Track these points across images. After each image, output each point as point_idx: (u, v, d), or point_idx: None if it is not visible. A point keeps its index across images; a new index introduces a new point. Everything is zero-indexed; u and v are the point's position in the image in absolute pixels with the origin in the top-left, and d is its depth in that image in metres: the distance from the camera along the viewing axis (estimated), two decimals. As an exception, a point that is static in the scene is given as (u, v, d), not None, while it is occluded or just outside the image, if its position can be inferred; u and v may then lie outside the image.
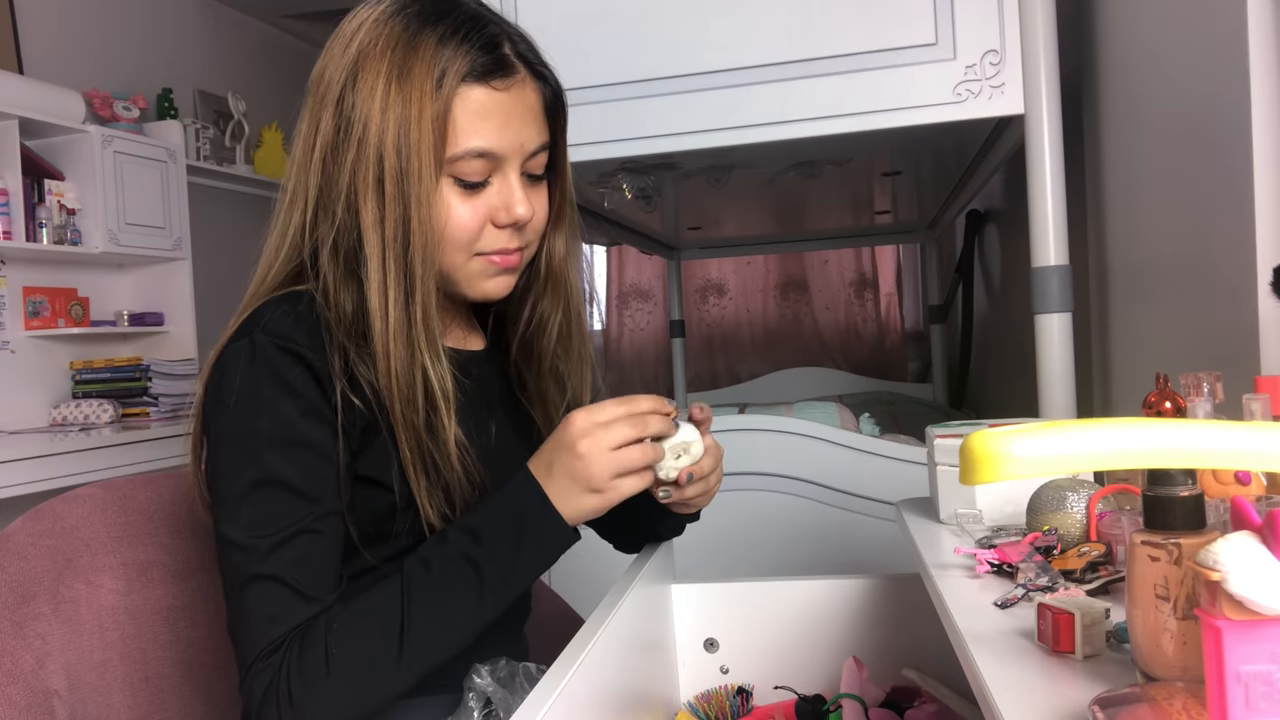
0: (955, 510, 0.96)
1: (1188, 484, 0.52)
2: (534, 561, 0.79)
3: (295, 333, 0.78)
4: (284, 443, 0.76)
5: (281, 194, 0.85)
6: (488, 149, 0.81)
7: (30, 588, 0.83)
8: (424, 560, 0.77)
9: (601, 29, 1.56)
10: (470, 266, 0.85)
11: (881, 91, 1.47)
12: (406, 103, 0.78)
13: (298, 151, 0.84)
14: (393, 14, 0.82)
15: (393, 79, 0.79)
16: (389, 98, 0.78)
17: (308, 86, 0.85)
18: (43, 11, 3.35)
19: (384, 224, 0.79)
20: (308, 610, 0.74)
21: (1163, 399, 0.80)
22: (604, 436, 0.78)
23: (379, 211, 0.79)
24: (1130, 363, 1.46)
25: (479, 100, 0.81)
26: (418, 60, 0.79)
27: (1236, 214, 1.01)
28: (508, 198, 0.83)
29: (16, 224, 2.91)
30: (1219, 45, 1.04)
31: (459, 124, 0.80)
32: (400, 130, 0.78)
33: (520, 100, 0.83)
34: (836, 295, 4.65)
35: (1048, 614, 0.60)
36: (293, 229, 0.83)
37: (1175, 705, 0.47)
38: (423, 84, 0.78)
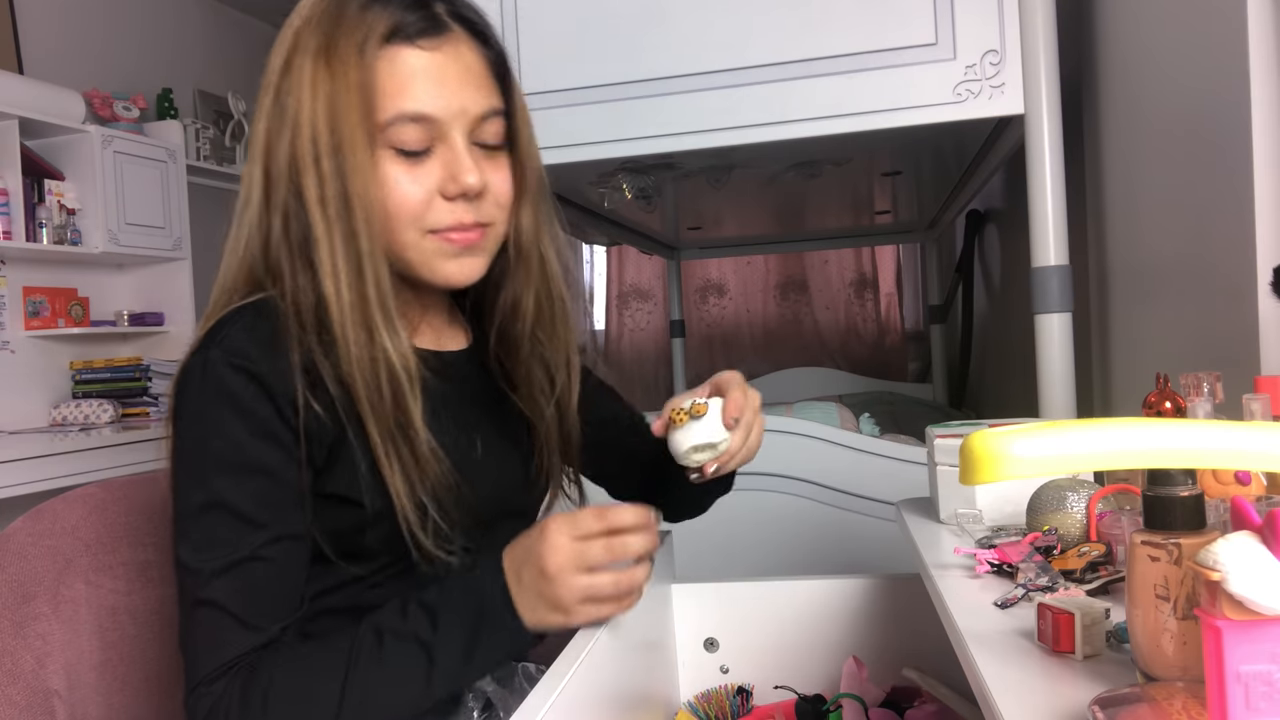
0: (955, 510, 0.96)
1: (1188, 484, 0.52)
2: (487, 660, 0.75)
3: (250, 348, 0.74)
4: (233, 466, 0.73)
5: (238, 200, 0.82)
6: (421, 112, 0.76)
7: (30, 588, 0.83)
8: (377, 631, 0.72)
9: (601, 29, 1.56)
10: (425, 246, 0.79)
11: (881, 91, 1.47)
12: (333, 75, 0.75)
13: (248, 153, 0.82)
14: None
15: (321, 52, 0.76)
16: (318, 72, 0.75)
17: None
18: (43, 11, 3.35)
19: (325, 203, 0.75)
20: (251, 640, 0.71)
21: (1163, 399, 0.80)
22: (577, 556, 0.72)
23: (319, 190, 0.75)
24: (1130, 363, 1.46)
25: (407, 61, 0.76)
26: (342, 28, 0.76)
27: (1236, 214, 1.01)
28: (453, 166, 0.78)
29: (16, 224, 2.91)
30: (1219, 45, 1.04)
31: (386, 88, 0.75)
32: (330, 102, 0.75)
33: (455, 60, 0.78)
34: (836, 295, 4.65)
35: (1048, 614, 0.60)
36: (248, 227, 0.80)
37: (1175, 705, 0.47)
38: (347, 53, 0.75)
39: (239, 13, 4.35)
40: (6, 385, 3.11)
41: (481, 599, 0.74)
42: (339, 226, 0.75)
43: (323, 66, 0.75)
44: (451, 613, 0.73)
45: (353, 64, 0.75)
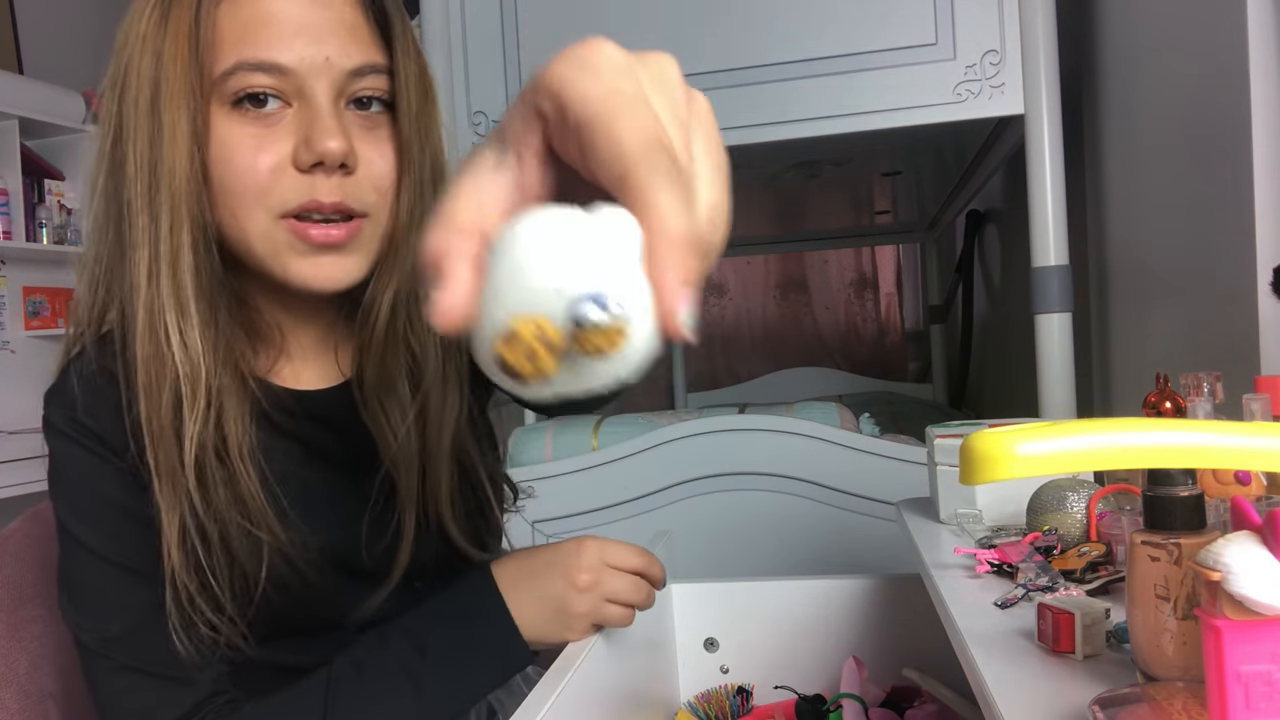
0: (955, 510, 0.96)
1: (1188, 484, 0.52)
2: (485, 685, 0.70)
3: (83, 400, 0.66)
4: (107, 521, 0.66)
5: None
6: (270, 60, 0.62)
7: (26, 590, 0.83)
8: (356, 664, 0.67)
9: (601, 30, 1.56)
10: (275, 235, 0.64)
11: (881, 91, 1.47)
12: (166, 25, 0.62)
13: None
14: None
15: (155, 10, 0.63)
16: (150, 25, 0.63)
17: None
18: (43, 11, 3.35)
19: (139, 174, 0.63)
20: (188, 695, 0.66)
21: (1163, 399, 0.80)
22: (609, 582, 0.71)
23: (135, 161, 0.63)
24: (1130, 363, 1.46)
25: (257, 6, 0.63)
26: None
27: (1236, 214, 1.01)
28: (309, 127, 0.62)
29: (16, 224, 2.91)
30: (1219, 45, 1.04)
31: (227, 34, 0.62)
32: (155, 55, 0.62)
33: (323, 6, 0.64)
34: (836, 295, 4.65)
35: (1048, 614, 0.60)
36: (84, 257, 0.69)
37: (1175, 705, 0.47)
38: (185, 4, 0.62)
39: (239, 13, 4.35)
40: (6, 385, 3.11)
41: (480, 619, 0.70)
42: (147, 201, 0.62)
43: (157, 13, 0.63)
44: (442, 637, 0.68)
45: (188, 9, 0.62)
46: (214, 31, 0.62)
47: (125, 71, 0.64)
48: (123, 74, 0.64)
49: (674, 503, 1.62)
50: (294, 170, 0.63)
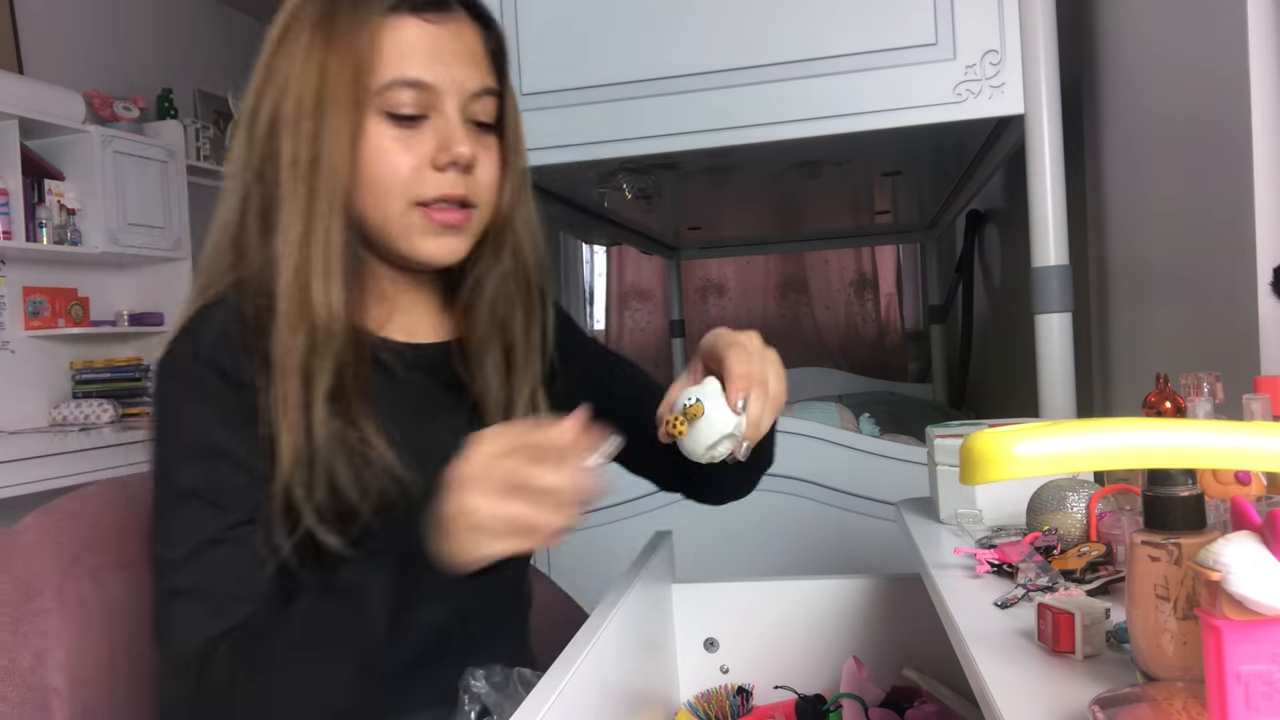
0: (955, 510, 0.96)
1: (1188, 484, 0.52)
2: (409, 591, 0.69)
3: (212, 339, 0.75)
4: (198, 453, 0.73)
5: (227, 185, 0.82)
6: (419, 79, 0.76)
7: (37, 584, 0.83)
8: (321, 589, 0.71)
9: (601, 29, 1.56)
10: (409, 219, 0.78)
11: (881, 91, 1.47)
12: (329, 41, 0.75)
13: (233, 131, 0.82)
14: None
15: (321, 21, 0.76)
16: (314, 39, 0.75)
17: None
18: (43, 11, 3.35)
19: (296, 163, 0.75)
20: (219, 624, 0.71)
21: (1163, 399, 0.80)
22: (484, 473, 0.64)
23: (293, 150, 0.75)
24: (1130, 363, 1.46)
25: (410, 32, 0.77)
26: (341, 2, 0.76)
27: (1236, 214, 1.01)
28: (446, 135, 0.78)
29: (16, 224, 2.91)
30: (1219, 46, 1.04)
31: (387, 54, 0.76)
32: (321, 66, 0.75)
33: (456, 38, 0.79)
34: (836, 295, 4.65)
35: (1048, 614, 0.60)
36: (225, 204, 0.80)
37: (1175, 705, 0.47)
38: (348, 21, 0.75)
39: (239, 13, 4.35)
40: (6, 385, 3.11)
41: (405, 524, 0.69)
42: (302, 186, 0.75)
43: (320, 34, 0.75)
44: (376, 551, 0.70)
45: (352, 30, 0.75)
46: (374, 53, 0.76)
47: (285, 77, 0.76)
48: (282, 79, 0.76)
49: (674, 502, 1.61)
50: (431, 169, 0.78)
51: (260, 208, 0.78)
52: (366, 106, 0.76)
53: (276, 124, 0.76)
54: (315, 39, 0.76)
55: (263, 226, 0.77)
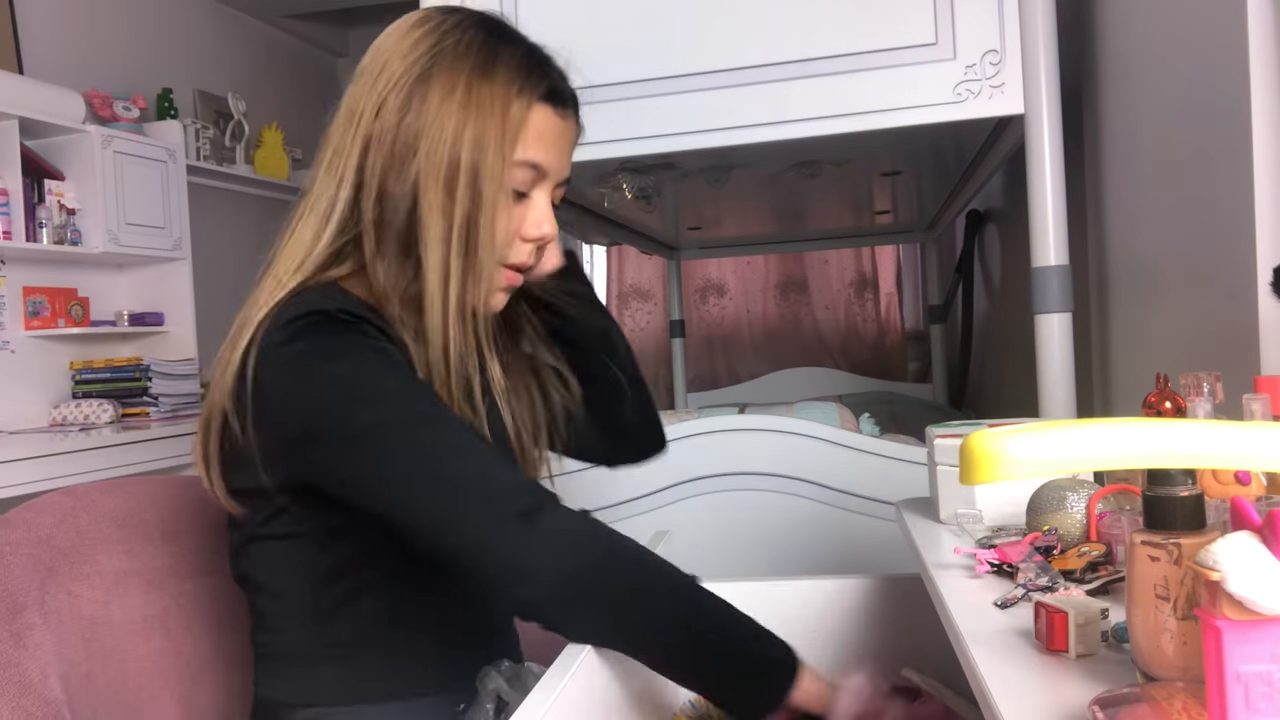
0: (955, 510, 0.96)
1: (1188, 484, 0.52)
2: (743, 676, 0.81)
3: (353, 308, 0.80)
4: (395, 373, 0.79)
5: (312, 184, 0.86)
6: (540, 163, 0.85)
7: (20, 598, 0.81)
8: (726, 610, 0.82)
9: (601, 29, 1.56)
10: (495, 277, 0.87)
11: (881, 91, 1.47)
12: (486, 104, 0.82)
13: (337, 137, 0.85)
14: (465, 24, 0.86)
15: (473, 80, 0.82)
16: (469, 96, 0.82)
17: (357, 73, 0.87)
18: (43, 11, 3.35)
19: (452, 214, 0.82)
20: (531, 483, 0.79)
21: (1163, 399, 0.80)
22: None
23: (447, 203, 0.81)
24: (1130, 363, 1.46)
25: (546, 119, 0.86)
26: (500, 68, 0.83)
27: (1236, 214, 1.01)
28: (540, 214, 0.87)
29: (16, 224, 2.91)
30: (1219, 45, 1.04)
31: (525, 135, 0.84)
32: (478, 129, 0.82)
33: (568, 132, 0.89)
34: (836, 295, 4.65)
35: (1042, 612, 0.60)
36: (337, 213, 0.84)
37: (1175, 705, 0.47)
38: (506, 89, 0.83)
39: (239, 13, 4.35)
40: (6, 385, 3.11)
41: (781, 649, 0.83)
42: (459, 242, 0.82)
43: (475, 91, 0.82)
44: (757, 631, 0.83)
45: (508, 105, 0.83)
46: (520, 130, 0.84)
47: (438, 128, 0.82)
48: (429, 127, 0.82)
49: (674, 503, 1.62)
50: (519, 239, 0.87)
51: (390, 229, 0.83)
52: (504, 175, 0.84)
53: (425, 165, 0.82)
54: (473, 94, 0.82)
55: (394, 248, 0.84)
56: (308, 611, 0.85)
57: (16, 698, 0.75)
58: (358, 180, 0.83)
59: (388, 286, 0.83)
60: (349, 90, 0.86)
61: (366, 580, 0.85)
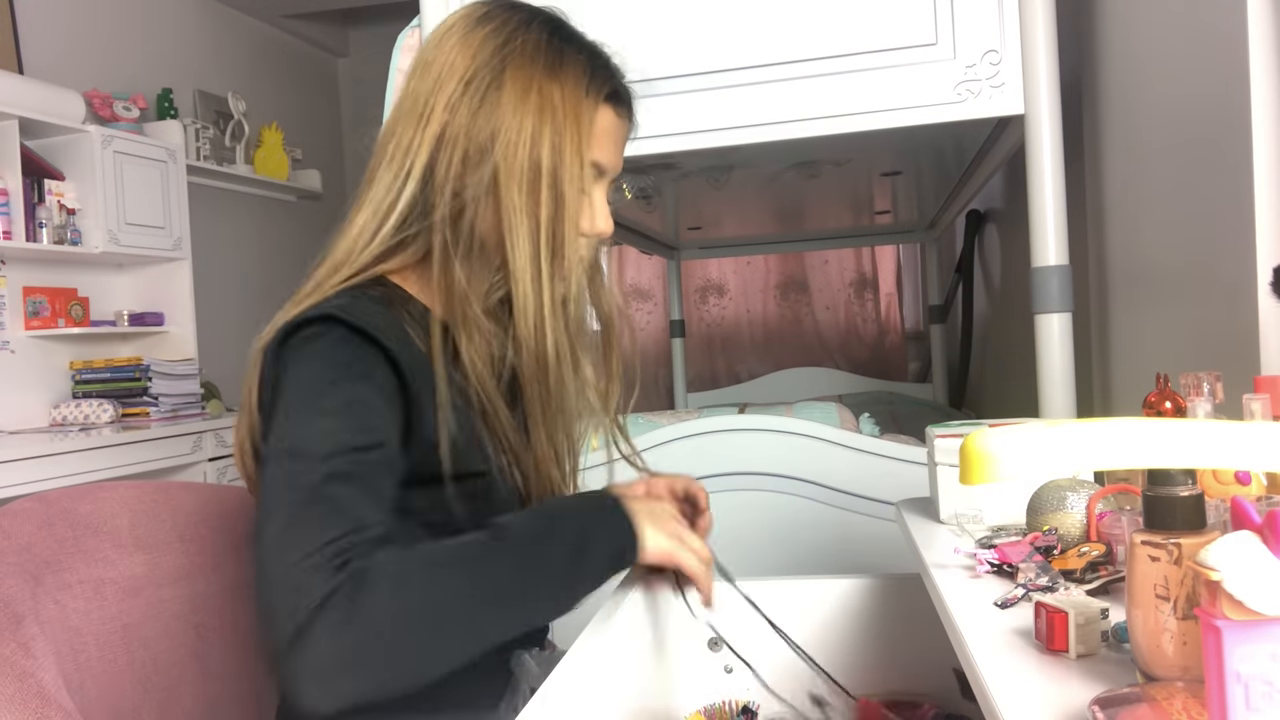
0: (955, 510, 0.96)
1: (1188, 484, 0.52)
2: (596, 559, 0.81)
3: (375, 316, 0.79)
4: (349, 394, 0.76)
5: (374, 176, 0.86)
6: (603, 163, 0.88)
7: (17, 608, 0.79)
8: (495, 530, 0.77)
9: (601, 29, 1.56)
10: (579, 272, 0.89)
11: (881, 91, 1.47)
12: (560, 107, 0.84)
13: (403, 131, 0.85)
14: (529, 21, 0.87)
15: (545, 82, 0.84)
16: (542, 98, 0.83)
17: (419, 66, 0.87)
18: (43, 11, 3.35)
19: (537, 215, 0.83)
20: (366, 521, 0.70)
21: (1163, 399, 0.80)
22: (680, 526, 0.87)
23: (531, 205, 0.83)
24: (1130, 363, 1.46)
25: (610, 119, 0.89)
26: (568, 70, 0.85)
27: (1236, 214, 1.01)
28: (600, 211, 0.89)
29: (16, 224, 2.91)
30: (1219, 45, 1.04)
31: (596, 134, 0.86)
32: (554, 132, 0.83)
33: (624, 131, 0.92)
34: (836, 295, 4.65)
35: (1042, 612, 0.60)
36: (401, 206, 0.84)
37: (1175, 705, 0.47)
38: (576, 91, 0.85)
39: (239, 13, 4.35)
40: (6, 385, 3.11)
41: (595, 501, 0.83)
42: (548, 244, 0.84)
43: (546, 92, 0.84)
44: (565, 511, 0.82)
45: (578, 108, 0.85)
46: (589, 129, 0.86)
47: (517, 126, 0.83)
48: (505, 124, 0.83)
49: (674, 503, 1.61)
50: (579, 233, 0.87)
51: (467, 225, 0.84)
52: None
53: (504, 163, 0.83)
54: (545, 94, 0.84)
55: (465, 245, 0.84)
56: None
57: (40, 707, 0.74)
58: (426, 176, 0.84)
59: (468, 289, 0.84)
60: (411, 84, 0.87)
61: None
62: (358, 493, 0.71)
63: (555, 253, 0.84)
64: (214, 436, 3.34)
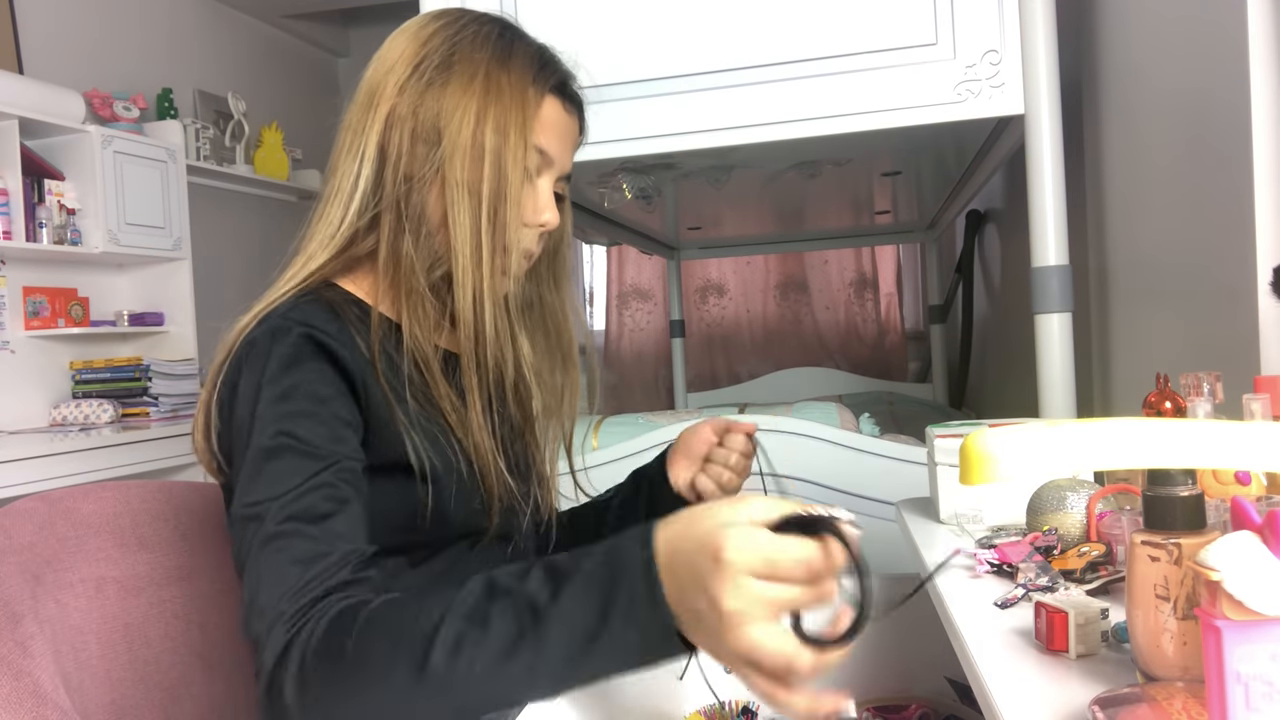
0: (955, 510, 0.96)
1: (1188, 484, 0.52)
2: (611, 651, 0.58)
3: (321, 321, 0.80)
4: (298, 412, 0.76)
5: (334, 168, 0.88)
6: (548, 150, 0.89)
7: (16, 607, 0.79)
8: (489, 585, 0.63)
9: (601, 29, 1.56)
10: (519, 255, 0.89)
11: (881, 91, 1.47)
12: (505, 91, 0.86)
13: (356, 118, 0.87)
14: (480, 20, 0.90)
15: (492, 68, 0.86)
16: (489, 82, 0.85)
17: (373, 60, 0.89)
18: (43, 11, 3.35)
19: (480, 191, 0.84)
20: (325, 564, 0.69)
21: (1163, 399, 0.80)
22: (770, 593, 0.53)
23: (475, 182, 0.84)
24: (1130, 363, 1.46)
25: (556, 110, 0.90)
26: (515, 60, 0.87)
27: (1236, 214, 1.01)
28: (543, 201, 0.90)
29: (16, 224, 2.91)
30: (1219, 45, 1.04)
31: (539, 123, 0.88)
32: (499, 113, 0.85)
33: (572, 127, 0.93)
34: (836, 295, 4.65)
35: (1042, 612, 0.60)
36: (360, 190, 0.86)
37: (1175, 705, 0.47)
38: (522, 78, 0.87)
39: (239, 13, 4.35)
40: (6, 385, 3.11)
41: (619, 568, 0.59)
42: (489, 222, 0.85)
43: (494, 79, 0.86)
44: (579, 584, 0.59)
45: (523, 94, 0.87)
46: (535, 116, 0.87)
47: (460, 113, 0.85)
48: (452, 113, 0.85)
49: (674, 503, 1.61)
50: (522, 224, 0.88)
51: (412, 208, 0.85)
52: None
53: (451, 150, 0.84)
54: (492, 81, 0.86)
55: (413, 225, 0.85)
56: None
57: (36, 707, 0.74)
58: (380, 156, 0.86)
59: (409, 268, 0.84)
60: (365, 76, 0.89)
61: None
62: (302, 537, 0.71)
63: (496, 231, 0.85)
64: (214, 436, 3.33)
